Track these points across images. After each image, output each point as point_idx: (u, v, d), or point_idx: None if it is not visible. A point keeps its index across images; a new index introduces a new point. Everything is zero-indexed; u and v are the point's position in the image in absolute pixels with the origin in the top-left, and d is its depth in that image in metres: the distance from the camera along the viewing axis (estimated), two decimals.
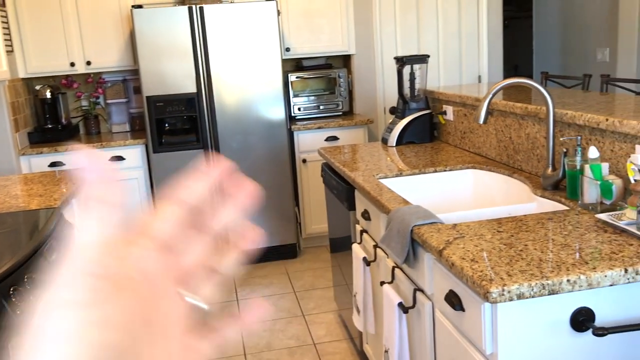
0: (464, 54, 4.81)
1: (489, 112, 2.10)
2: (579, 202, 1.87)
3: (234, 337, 0.44)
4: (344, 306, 3.18)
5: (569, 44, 5.91)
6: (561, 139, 1.94)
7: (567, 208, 1.92)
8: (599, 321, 1.43)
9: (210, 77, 4.03)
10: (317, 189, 4.41)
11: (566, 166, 1.97)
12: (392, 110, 4.77)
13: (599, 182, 1.78)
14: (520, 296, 1.35)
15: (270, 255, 4.33)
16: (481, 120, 2.10)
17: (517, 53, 7.28)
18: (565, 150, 2.01)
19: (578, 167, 1.93)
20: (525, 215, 1.82)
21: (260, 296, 3.73)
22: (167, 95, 4.00)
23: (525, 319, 1.40)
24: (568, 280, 1.37)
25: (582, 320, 1.42)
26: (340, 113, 4.62)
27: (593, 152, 1.76)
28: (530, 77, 6.95)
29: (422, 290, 1.89)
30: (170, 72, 3.98)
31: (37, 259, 1.84)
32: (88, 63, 4.27)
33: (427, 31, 4.73)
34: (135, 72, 4.58)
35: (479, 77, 4.89)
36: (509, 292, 1.34)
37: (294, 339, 3.16)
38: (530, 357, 1.42)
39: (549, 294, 1.36)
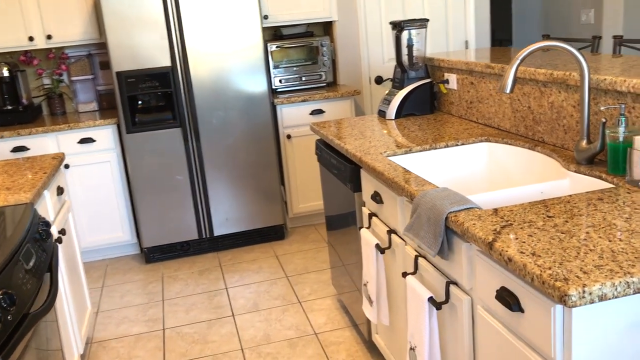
0: (450, 19, 4.58)
1: (515, 81, 1.88)
2: (627, 178, 1.68)
3: None
4: (342, 290, 2.98)
5: (550, 6, 5.72)
6: (602, 108, 1.73)
7: (612, 185, 1.73)
8: None
9: (185, 49, 3.71)
10: (304, 165, 4.17)
11: (607, 138, 1.78)
12: (378, 80, 4.54)
13: None
14: (602, 297, 1.15)
15: (256, 237, 4.10)
16: (508, 90, 1.88)
17: (493, 18, 7.07)
18: (604, 120, 1.81)
19: (621, 139, 1.74)
20: (570, 196, 1.62)
21: (250, 283, 3.51)
22: (139, 70, 3.67)
23: (602, 321, 1.21)
24: None
25: None
26: (324, 84, 4.36)
27: None
28: (510, 42, 6.78)
29: (456, 284, 1.68)
30: (141, 45, 3.65)
31: (11, 269, 1.56)
32: (48, 37, 3.89)
33: None
34: (101, 46, 4.22)
35: (466, 42, 4.68)
36: (590, 293, 1.14)
37: (293, 329, 2.95)
38: None
39: (634, 293, 1.17)
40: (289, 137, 4.10)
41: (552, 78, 2.11)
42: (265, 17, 4.16)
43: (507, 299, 1.37)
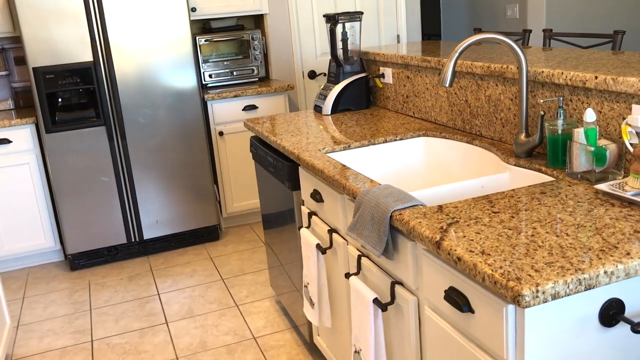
0: (381, 14, 4.57)
1: (454, 74, 1.85)
2: (567, 170, 1.68)
3: None
4: (281, 291, 2.90)
5: (477, 1, 5.83)
6: (540, 100, 1.72)
7: (552, 178, 1.73)
8: (629, 313, 1.23)
9: (108, 43, 3.51)
10: (238, 163, 4.05)
11: (546, 131, 1.77)
12: (311, 75, 4.47)
13: (593, 149, 1.58)
14: (555, 296, 1.12)
15: (189, 239, 3.94)
16: (447, 83, 1.85)
17: (422, 13, 7.15)
18: (542, 112, 1.80)
19: (560, 132, 1.74)
20: (514, 190, 1.60)
21: (183, 288, 3.36)
22: (59, 65, 3.44)
23: (553, 319, 1.18)
24: (605, 272, 1.15)
25: (612, 313, 1.22)
26: (257, 79, 4.25)
27: (590, 115, 1.56)
28: (439, 36, 6.87)
29: (401, 284, 1.63)
30: (60, 39, 3.42)
31: None
32: None
33: None
34: (16, 40, 3.94)
35: (398, 36, 4.67)
36: (543, 292, 1.10)
37: (231, 334, 2.84)
38: None
39: (585, 290, 1.14)
40: (221, 134, 3.96)
41: (490, 71, 2.09)
42: (193, 9, 4.00)
43: (457, 299, 1.32)
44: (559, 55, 2.13)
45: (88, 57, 3.48)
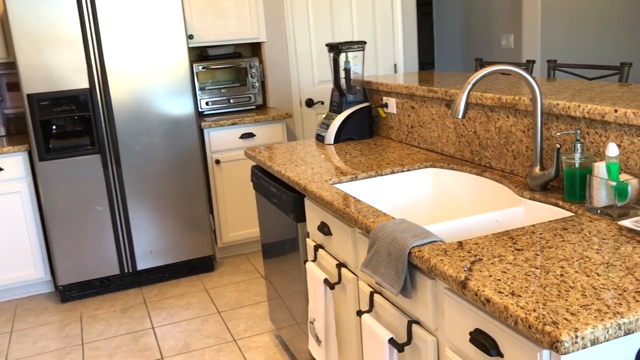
0: (379, 43, 4.57)
1: (467, 105, 1.81)
2: (586, 205, 1.63)
3: None
4: (281, 325, 2.81)
5: (471, 31, 5.87)
6: (557, 133, 1.69)
7: (571, 213, 1.68)
8: None
9: (104, 70, 3.45)
10: (234, 191, 3.98)
11: (563, 164, 1.73)
12: (309, 103, 4.44)
13: (615, 183, 1.54)
14: (594, 342, 1.06)
15: (183, 270, 3.85)
16: (460, 115, 1.81)
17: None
18: (558, 145, 1.76)
19: (577, 166, 1.70)
20: (534, 226, 1.55)
21: (179, 321, 3.26)
22: (54, 92, 3.38)
23: None
24: None
25: None
26: (254, 107, 4.21)
27: (613, 150, 1.52)
28: (432, 65, 6.91)
29: (418, 323, 1.56)
30: (56, 65, 3.36)
31: None
32: None
33: (341, 17, 4.42)
34: (10, 66, 3.88)
35: (395, 65, 4.67)
36: (582, 338, 1.05)
37: None
38: None
39: (624, 335, 1.08)
40: (217, 162, 3.90)
41: (501, 103, 2.06)
42: (191, 36, 3.97)
43: (484, 342, 1.26)
44: (570, 87, 2.11)
45: (84, 83, 3.42)
